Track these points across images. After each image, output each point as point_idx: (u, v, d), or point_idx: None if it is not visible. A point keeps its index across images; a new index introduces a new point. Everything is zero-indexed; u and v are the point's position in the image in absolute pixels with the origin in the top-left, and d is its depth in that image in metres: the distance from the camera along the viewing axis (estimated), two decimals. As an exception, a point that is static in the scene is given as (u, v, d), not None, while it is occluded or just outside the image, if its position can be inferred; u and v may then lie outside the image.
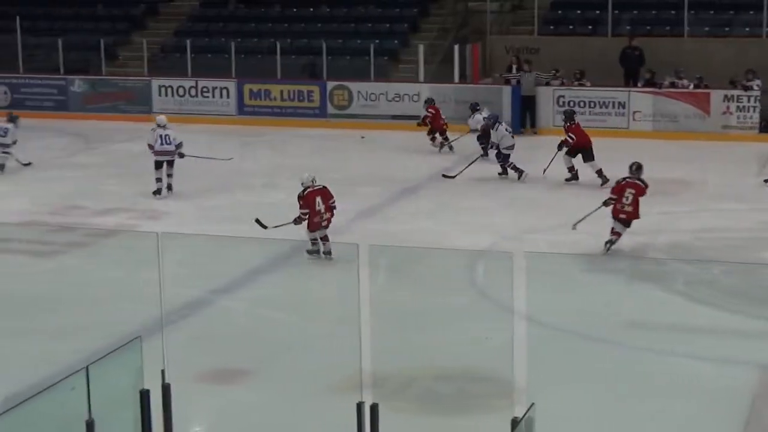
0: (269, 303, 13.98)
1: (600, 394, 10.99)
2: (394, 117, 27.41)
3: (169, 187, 20.27)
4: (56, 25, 32.75)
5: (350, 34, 30.48)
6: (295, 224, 15.39)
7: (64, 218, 18.53)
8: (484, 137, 22.95)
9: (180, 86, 29.24)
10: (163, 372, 8.70)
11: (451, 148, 24.12)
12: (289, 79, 28.89)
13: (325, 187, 15.52)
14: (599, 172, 20.35)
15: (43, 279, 15.50)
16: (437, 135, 24.46)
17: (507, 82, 27.32)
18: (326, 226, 15.37)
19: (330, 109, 28.16)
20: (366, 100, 27.82)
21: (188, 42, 29.74)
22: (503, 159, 21.32)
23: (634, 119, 26.13)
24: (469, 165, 21.26)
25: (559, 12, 30.14)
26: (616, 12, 28.59)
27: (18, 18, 30.94)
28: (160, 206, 19.24)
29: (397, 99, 27.65)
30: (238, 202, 19.65)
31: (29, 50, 31.26)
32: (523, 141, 23.42)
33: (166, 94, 29.26)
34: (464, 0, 31.29)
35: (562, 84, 26.86)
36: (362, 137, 26.05)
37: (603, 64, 27.01)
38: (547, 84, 26.83)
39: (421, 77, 28.16)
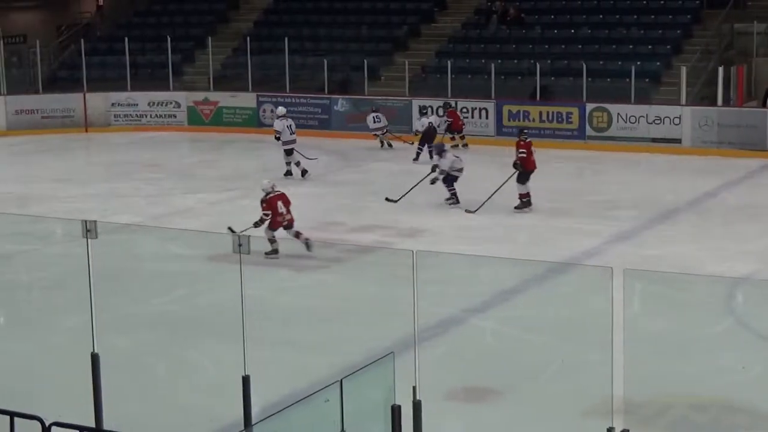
0: (521, 324, 13.97)
1: None
2: (654, 140, 26.99)
3: (304, 173, 23.62)
4: (322, 46, 33.71)
5: (611, 56, 30.17)
6: (255, 227, 17.02)
7: (323, 234, 19.00)
8: (425, 140, 25.69)
9: (439, 106, 29.59)
10: (414, 388, 8.81)
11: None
12: (548, 100, 28.84)
13: (283, 193, 17.57)
14: (522, 196, 20.34)
15: (302, 293, 15.97)
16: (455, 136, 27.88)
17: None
18: (289, 225, 17.36)
19: (589, 131, 27.94)
20: (626, 122, 27.47)
21: (449, 63, 30.07)
22: (450, 182, 21.10)
23: None
24: (417, 184, 21.17)
25: (832, 33, 29.08)
26: None
27: (287, 39, 31.98)
28: (418, 224, 19.50)
29: (658, 122, 27.18)
30: (494, 223, 19.72)
31: (296, 70, 32.27)
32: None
33: (426, 114, 29.61)
34: (730, 22, 30.51)
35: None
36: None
37: None
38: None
39: (683, 100, 27.60)
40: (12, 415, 8.56)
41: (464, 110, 29.26)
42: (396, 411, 8.56)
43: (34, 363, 12.87)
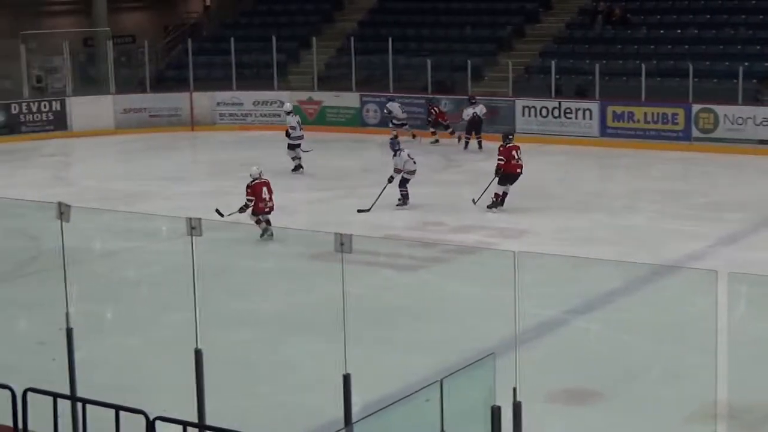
0: (625, 326, 13.84)
1: None
2: (761, 142, 26.54)
3: (298, 168, 25.02)
4: (426, 46, 33.72)
5: (718, 57, 29.71)
6: (240, 212, 18.29)
7: (424, 234, 19.03)
8: (471, 129, 27.87)
9: (543, 107, 29.43)
10: (515, 390, 8.77)
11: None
12: (653, 101, 28.51)
13: (268, 181, 18.52)
14: (497, 196, 20.33)
15: (404, 292, 15.99)
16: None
17: None
18: (269, 212, 18.30)
19: (695, 133, 27.55)
20: (732, 123, 27.05)
21: (553, 63, 29.87)
22: (402, 184, 20.99)
23: None
24: (384, 189, 20.81)
25: None
26: None
27: (390, 39, 32.05)
28: (520, 224, 19.42)
29: (766, 123, 26.73)
30: (597, 224, 19.57)
31: (399, 70, 32.33)
32: None
33: (529, 115, 29.51)
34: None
35: None
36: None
37: None
38: None
39: (792, 101, 27.16)
40: (117, 408, 8.70)
41: (567, 111, 29.09)
42: (496, 412, 8.53)
43: (140, 358, 13.08)
